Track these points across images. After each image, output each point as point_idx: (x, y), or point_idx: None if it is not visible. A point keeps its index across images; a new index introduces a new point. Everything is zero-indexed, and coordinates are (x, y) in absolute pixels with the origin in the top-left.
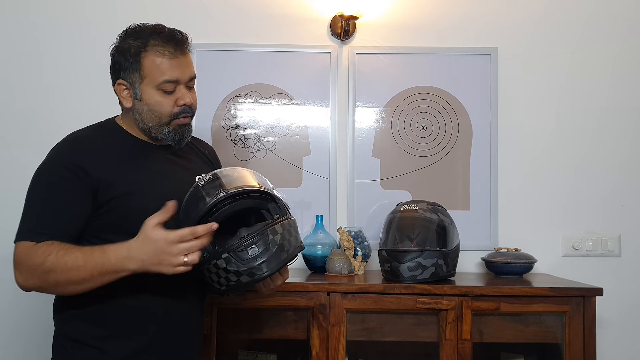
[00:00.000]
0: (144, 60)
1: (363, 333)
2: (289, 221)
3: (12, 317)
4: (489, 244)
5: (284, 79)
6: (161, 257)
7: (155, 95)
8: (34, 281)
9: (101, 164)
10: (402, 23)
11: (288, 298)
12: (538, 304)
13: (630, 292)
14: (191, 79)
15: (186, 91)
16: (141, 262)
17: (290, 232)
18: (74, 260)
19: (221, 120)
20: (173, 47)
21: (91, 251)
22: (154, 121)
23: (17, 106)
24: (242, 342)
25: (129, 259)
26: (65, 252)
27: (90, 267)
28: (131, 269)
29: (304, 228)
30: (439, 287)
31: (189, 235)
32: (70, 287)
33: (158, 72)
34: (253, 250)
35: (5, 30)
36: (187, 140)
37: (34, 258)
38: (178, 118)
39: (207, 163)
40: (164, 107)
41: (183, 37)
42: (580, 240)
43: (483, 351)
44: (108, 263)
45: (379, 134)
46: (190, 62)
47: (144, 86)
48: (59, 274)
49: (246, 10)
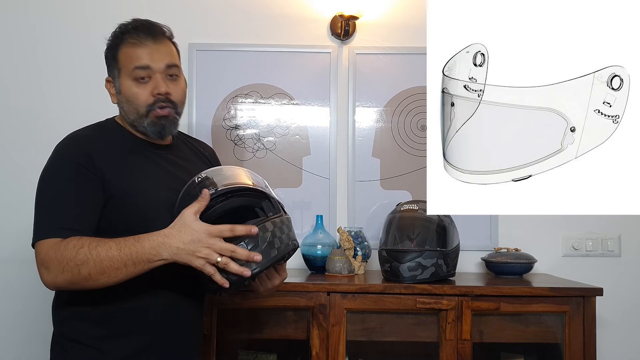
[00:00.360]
0: (119, 54)
1: (363, 333)
2: (282, 219)
3: (9, 318)
4: (489, 244)
5: (284, 79)
6: (197, 247)
7: (131, 86)
8: (64, 276)
9: (103, 161)
10: (402, 23)
11: (288, 298)
12: (538, 304)
13: (630, 292)
14: (169, 66)
15: (162, 80)
16: (176, 250)
17: (282, 230)
18: (107, 250)
19: (221, 120)
20: (144, 35)
21: (125, 240)
22: (133, 114)
23: (15, 107)
24: (242, 342)
25: (164, 246)
26: (97, 244)
27: (125, 256)
28: (165, 257)
29: (304, 228)
30: (439, 287)
31: (227, 232)
32: (102, 279)
33: (129, 60)
34: (242, 247)
35: (4, 31)
36: (170, 134)
37: (64, 252)
38: (154, 109)
39: (207, 164)
40: (139, 98)
41: (157, 26)
42: (580, 240)
43: (483, 351)
44: (142, 250)
45: (379, 134)
46: (168, 51)
47: (121, 79)
48: (92, 265)
49: (246, 10)
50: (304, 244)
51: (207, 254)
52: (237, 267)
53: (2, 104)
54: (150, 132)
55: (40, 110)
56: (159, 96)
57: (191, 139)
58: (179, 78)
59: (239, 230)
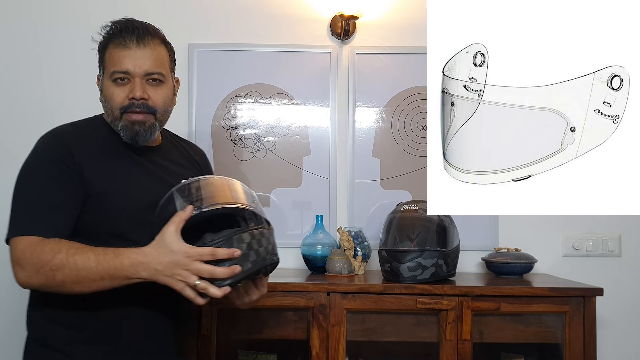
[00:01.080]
0: (106, 53)
1: (363, 333)
2: (262, 231)
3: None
4: (489, 244)
5: (284, 79)
6: (176, 270)
7: (110, 86)
8: (38, 278)
9: (83, 158)
10: (402, 23)
11: (288, 298)
12: (538, 304)
13: (630, 292)
14: (149, 73)
15: (140, 84)
16: (154, 272)
17: (260, 243)
18: (85, 260)
19: (221, 120)
20: (129, 37)
21: (104, 253)
22: (110, 115)
23: (14, 104)
24: (242, 342)
25: (143, 266)
26: (76, 251)
27: (102, 270)
28: (144, 276)
29: (304, 228)
30: (439, 287)
31: (208, 256)
32: (77, 287)
33: (111, 63)
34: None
35: (5, 28)
36: (144, 142)
37: (41, 254)
38: (127, 112)
39: (195, 167)
40: (114, 99)
41: (146, 28)
42: (581, 240)
43: (483, 351)
44: (121, 267)
45: (379, 134)
46: (152, 56)
47: (104, 78)
48: (68, 272)
49: (246, 10)
50: (304, 244)
51: (185, 277)
52: (215, 290)
53: (2, 103)
54: (124, 136)
55: (38, 108)
56: (134, 100)
57: (182, 140)
58: (162, 84)
59: (220, 254)
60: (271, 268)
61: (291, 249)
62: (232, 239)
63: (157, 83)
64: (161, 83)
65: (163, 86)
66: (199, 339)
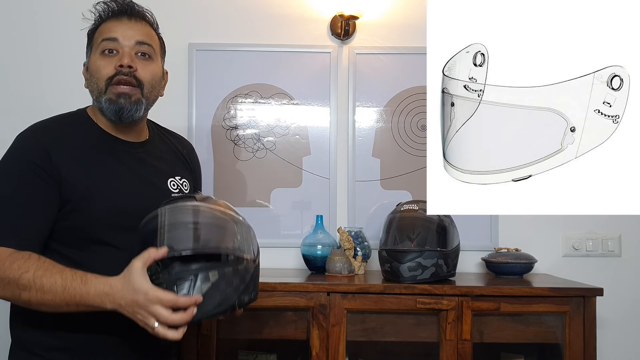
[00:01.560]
0: (95, 33)
1: (363, 333)
2: (236, 269)
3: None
4: (489, 244)
5: (284, 79)
6: (136, 309)
7: (97, 59)
8: (4, 293)
9: (62, 160)
10: (402, 23)
11: (288, 298)
12: (538, 304)
13: (630, 292)
14: (140, 43)
15: (129, 54)
16: (118, 305)
17: (230, 282)
18: (52, 285)
19: (221, 120)
20: (119, 11)
21: (72, 278)
22: (95, 90)
23: (13, 103)
24: (242, 342)
25: (108, 298)
26: (43, 273)
27: (68, 296)
28: (108, 308)
29: (304, 228)
30: (439, 287)
31: (169, 303)
32: (42, 308)
33: (100, 35)
34: (176, 290)
35: (5, 24)
36: (130, 118)
37: (8, 271)
38: (113, 84)
39: (183, 163)
40: (101, 71)
41: (135, 8)
42: (581, 240)
43: (483, 351)
44: (87, 296)
45: (379, 134)
46: (143, 30)
47: (91, 56)
48: (34, 294)
49: (246, 10)
50: (304, 244)
51: (144, 319)
52: (173, 334)
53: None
54: (107, 111)
55: (41, 105)
56: (121, 68)
57: (169, 133)
58: (151, 60)
59: (182, 302)
60: (245, 303)
61: (291, 249)
62: (198, 276)
63: (147, 58)
64: (150, 59)
65: (152, 63)
66: (199, 339)
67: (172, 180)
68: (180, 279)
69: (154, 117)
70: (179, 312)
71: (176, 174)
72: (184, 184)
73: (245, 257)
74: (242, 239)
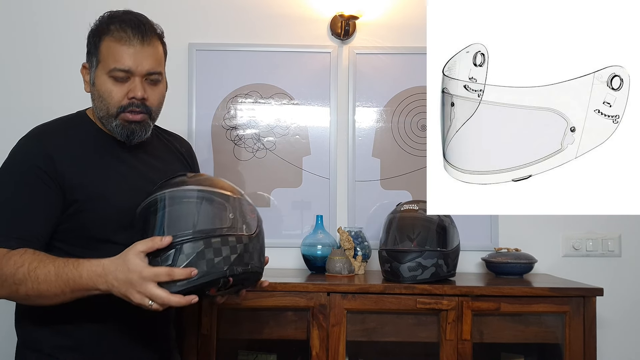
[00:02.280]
0: (101, 44)
1: (363, 333)
2: (225, 240)
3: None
4: (489, 244)
5: (284, 79)
6: (129, 290)
7: (106, 82)
8: (3, 291)
9: (66, 164)
10: (402, 23)
11: (288, 298)
12: (538, 304)
13: (630, 292)
14: (151, 73)
15: (140, 84)
16: (110, 286)
17: (218, 253)
18: (46, 275)
19: (221, 120)
20: (132, 33)
21: (64, 265)
22: (103, 111)
23: (11, 101)
24: (242, 342)
25: (100, 279)
26: (37, 265)
27: (62, 283)
28: (102, 289)
29: (304, 228)
30: (439, 287)
31: (164, 276)
32: (40, 301)
33: (111, 58)
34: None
35: (4, 28)
36: (139, 139)
37: (4, 268)
38: (125, 112)
39: (182, 162)
40: (112, 97)
41: (148, 24)
42: (581, 241)
43: (483, 351)
44: (79, 279)
45: (379, 134)
46: (154, 55)
47: (98, 71)
48: (30, 287)
49: (246, 10)
50: (304, 244)
51: (139, 299)
52: (180, 273)
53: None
54: (118, 135)
55: (36, 106)
56: (134, 100)
57: (166, 133)
58: (159, 83)
59: (177, 274)
60: (239, 274)
61: (291, 249)
62: (183, 246)
63: (155, 83)
64: (158, 82)
65: (160, 85)
66: (199, 339)
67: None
68: (164, 251)
69: None
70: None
71: (177, 172)
72: None
73: (237, 230)
74: (237, 214)
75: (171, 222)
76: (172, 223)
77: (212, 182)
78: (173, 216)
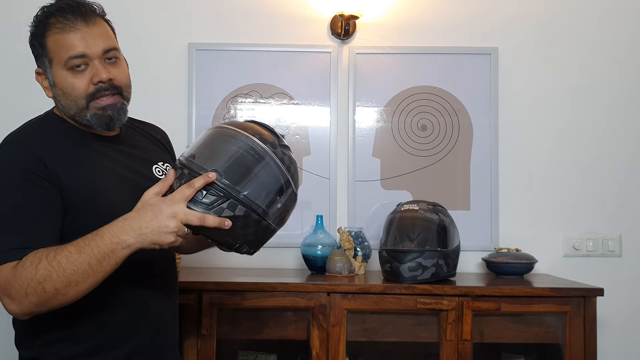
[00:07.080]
0: (47, 42)
1: (363, 333)
2: (258, 221)
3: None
4: (489, 244)
5: (284, 79)
6: (162, 221)
7: (67, 77)
8: (30, 300)
9: (56, 164)
10: (402, 23)
11: (288, 298)
12: (539, 305)
13: (630, 292)
14: (107, 50)
15: (102, 66)
16: (138, 231)
17: (245, 226)
18: (67, 256)
19: (221, 120)
20: (73, 16)
21: (83, 239)
22: (72, 108)
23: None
24: (242, 342)
25: (125, 230)
26: (55, 252)
27: (87, 256)
28: (129, 242)
29: (304, 228)
30: (440, 287)
31: (187, 189)
32: (71, 290)
33: (62, 49)
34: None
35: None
36: (119, 123)
37: (23, 273)
38: (95, 99)
39: (161, 149)
40: (77, 89)
41: (87, 7)
42: (581, 241)
43: (483, 351)
44: (102, 243)
45: (379, 134)
46: (104, 33)
47: (54, 70)
48: (56, 278)
49: (246, 10)
50: (304, 244)
51: (175, 226)
52: (214, 220)
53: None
54: (96, 125)
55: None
56: (101, 84)
57: (139, 122)
58: (119, 60)
59: (197, 183)
60: (240, 252)
61: (291, 249)
62: (229, 200)
63: (115, 61)
64: (118, 60)
65: (120, 63)
66: (199, 339)
67: (156, 166)
68: (209, 192)
69: (153, 116)
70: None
71: (158, 160)
72: (167, 169)
73: (270, 219)
74: (283, 208)
75: (252, 181)
76: (251, 182)
77: (297, 175)
78: (260, 180)
